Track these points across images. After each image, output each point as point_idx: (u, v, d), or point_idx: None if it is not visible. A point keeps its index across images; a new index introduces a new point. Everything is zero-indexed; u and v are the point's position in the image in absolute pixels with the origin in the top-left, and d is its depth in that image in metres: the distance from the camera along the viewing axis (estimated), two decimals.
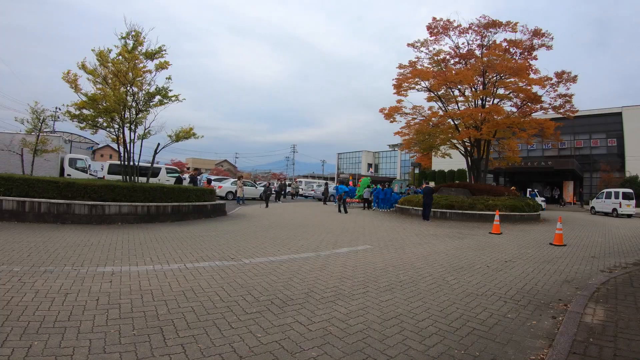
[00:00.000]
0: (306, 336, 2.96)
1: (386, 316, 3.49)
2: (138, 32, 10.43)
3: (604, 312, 3.56)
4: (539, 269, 5.90)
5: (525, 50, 18.16)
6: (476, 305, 3.93)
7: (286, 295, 4.01)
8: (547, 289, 4.68)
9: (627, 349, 2.73)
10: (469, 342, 2.97)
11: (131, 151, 11.18)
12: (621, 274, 5.39)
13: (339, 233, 9.42)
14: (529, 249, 7.85)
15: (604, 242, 9.54)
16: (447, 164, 33.83)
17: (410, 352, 2.77)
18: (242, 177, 23.45)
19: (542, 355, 2.75)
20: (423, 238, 9.07)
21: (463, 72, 16.88)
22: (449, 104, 19.67)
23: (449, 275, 5.23)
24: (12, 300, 3.38)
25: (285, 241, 7.76)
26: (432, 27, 18.55)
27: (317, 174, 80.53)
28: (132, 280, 4.25)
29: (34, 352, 2.43)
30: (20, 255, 5.14)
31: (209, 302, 3.64)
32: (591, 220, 17.87)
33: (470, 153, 19.31)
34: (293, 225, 10.87)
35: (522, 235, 10.12)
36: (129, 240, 6.92)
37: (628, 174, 32.41)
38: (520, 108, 18.24)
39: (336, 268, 5.40)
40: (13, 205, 8.48)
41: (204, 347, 2.67)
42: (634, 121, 34.42)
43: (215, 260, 5.60)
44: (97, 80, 10.24)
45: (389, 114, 19.47)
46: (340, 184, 20.86)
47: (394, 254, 6.74)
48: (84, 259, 5.20)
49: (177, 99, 11.19)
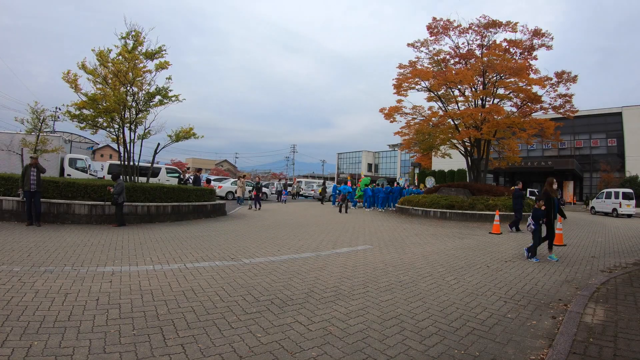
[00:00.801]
0: (306, 336, 2.96)
1: (386, 316, 3.49)
2: (138, 32, 10.43)
3: (604, 312, 3.56)
4: (539, 269, 5.90)
5: (525, 50, 18.16)
6: (476, 305, 3.93)
7: (286, 295, 4.01)
8: (547, 289, 4.68)
9: (627, 349, 2.73)
10: (469, 342, 2.97)
11: (131, 151, 11.19)
12: (621, 274, 5.39)
13: (339, 233, 9.42)
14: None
15: (604, 242, 9.54)
16: (447, 164, 33.82)
17: (410, 352, 2.77)
18: (244, 177, 23.18)
19: (542, 355, 2.75)
20: (423, 238, 9.07)
21: (463, 72, 16.87)
22: (449, 104, 19.66)
23: (449, 275, 5.23)
24: (12, 300, 3.38)
25: (285, 241, 7.76)
26: (432, 27, 18.54)
27: (317, 173, 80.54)
28: (132, 280, 4.25)
29: (34, 352, 2.43)
30: (20, 255, 5.14)
31: (209, 302, 3.64)
32: (591, 220, 17.87)
33: (470, 153, 19.30)
34: (293, 225, 10.87)
35: (522, 236, 10.11)
36: (129, 240, 6.92)
37: (628, 174, 32.42)
38: (520, 108, 18.24)
39: (336, 268, 5.40)
40: (13, 205, 8.48)
41: (204, 347, 2.67)
42: (634, 121, 34.43)
43: (215, 260, 5.60)
44: (97, 80, 10.24)
45: (389, 114, 19.46)
46: (343, 184, 20.77)
47: (394, 254, 6.74)
48: (84, 259, 5.20)
49: (177, 99, 11.19)
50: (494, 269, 5.76)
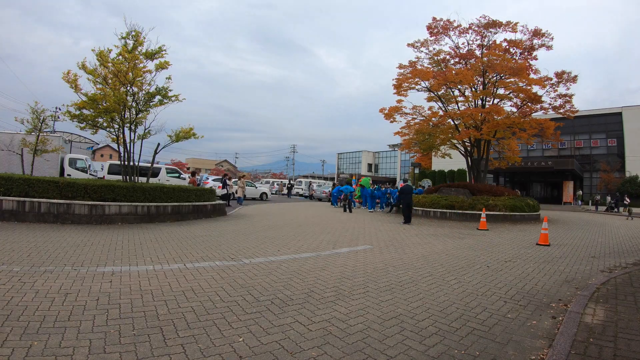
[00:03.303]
0: (306, 336, 2.96)
1: (386, 316, 3.49)
2: (138, 32, 10.43)
3: (604, 312, 3.56)
4: (539, 269, 5.90)
5: (525, 50, 18.17)
6: (476, 305, 3.94)
7: (286, 295, 4.01)
8: (547, 289, 4.68)
9: (627, 349, 2.73)
10: (469, 342, 2.97)
11: (131, 151, 11.19)
12: (621, 274, 5.39)
13: (339, 233, 9.42)
14: (529, 249, 7.86)
15: (604, 242, 9.54)
16: (447, 164, 33.82)
17: (410, 352, 2.77)
18: (243, 177, 23.23)
19: (542, 355, 2.75)
20: (423, 238, 9.07)
21: (463, 72, 16.88)
22: (449, 104, 19.67)
23: (449, 275, 5.23)
24: (12, 300, 3.38)
25: (286, 241, 7.76)
26: (432, 27, 18.55)
27: (317, 173, 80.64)
28: (132, 280, 4.25)
29: (34, 352, 2.43)
30: (20, 255, 5.13)
31: (209, 302, 3.64)
32: (591, 220, 17.87)
33: (470, 153, 19.31)
34: (293, 225, 10.87)
35: (523, 236, 10.12)
36: (129, 240, 6.92)
37: (628, 174, 32.43)
38: (520, 108, 18.24)
39: (336, 268, 5.40)
40: (13, 205, 8.48)
41: (204, 347, 2.67)
42: (634, 121, 34.44)
43: (215, 260, 5.60)
44: (97, 80, 10.23)
45: (389, 114, 19.47)
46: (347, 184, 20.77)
47: (394, 254, 6.75)
48: (84, 259, 5.20)
49: (177, 98, 11.19)
50: (494, 269, 5.76)
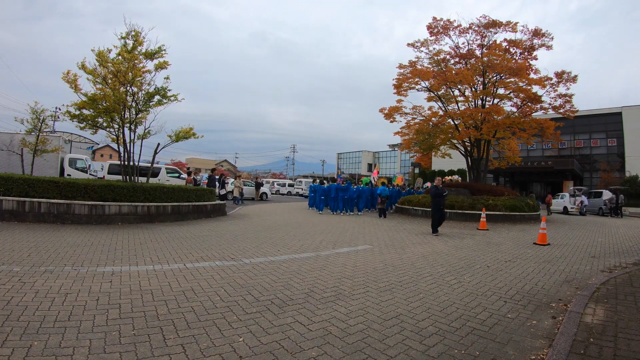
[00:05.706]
0: (306, 336, 2.96)
1: (386, 316, 3.49)
2: (138, 32, 10.43)
3: (604, 312, 3.56)
4: (539, 269, 5.90)
5: (525, 50, 18.14)
6: (476, 305, 3.94)
7: (286, 295, 4.01)
8: (547, 289, 4.68)
9: (627, 349, 2.73)
10: (469, 342, 2.97)
11: (131, 151, 11.19)
12: (621, 274, 5.39)
13: (339, 233, 9.42)
14: (529, 249, 7.85)
15: (604, 242, 9.54)
16: (447, 164, 33.80)
17: (410, 352, 2.77)
18: (240, 177, 23.49)
19: (542, 355, 2.75)
20: (423, 238, 9.07)
21: (463, 72, 16.86)
22: (449, 104, 19.65)
23: (449, 275, 5.23)
24: (12, 300, 3.38)
25: (286, 241, 7.76)
26: (433, 26, 18.52)
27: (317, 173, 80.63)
28: (132, 280, 4.25)
29: (34, 352, 2.43)
30: (20, 255, 5.13)
31: (209, 302, 3.64)
32: (591, 220, 17.88)
33: (470, 153, 19.30)
34: (293, 225, 10.87)
35: (523, 235, 10.12)
36: (129, 240, 6.92)
37: (628, 174, 32.43)
38: (520, 108, 18.23)
39: (336, 268, 5.40)
40: (13, 205, 8.47)
41: (204, 347, 2.67)
42: (634, 121, 34.44)
43: (215, 260, 5.60)
44: (97, 80, 10.23)
45: (388, 114, 19.45)
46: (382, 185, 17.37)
47: (394, 254, 6.74)
48: (84, 259, 5.20)
49: (176, 98, 11.20)
50: (494, 269, 5.76)
